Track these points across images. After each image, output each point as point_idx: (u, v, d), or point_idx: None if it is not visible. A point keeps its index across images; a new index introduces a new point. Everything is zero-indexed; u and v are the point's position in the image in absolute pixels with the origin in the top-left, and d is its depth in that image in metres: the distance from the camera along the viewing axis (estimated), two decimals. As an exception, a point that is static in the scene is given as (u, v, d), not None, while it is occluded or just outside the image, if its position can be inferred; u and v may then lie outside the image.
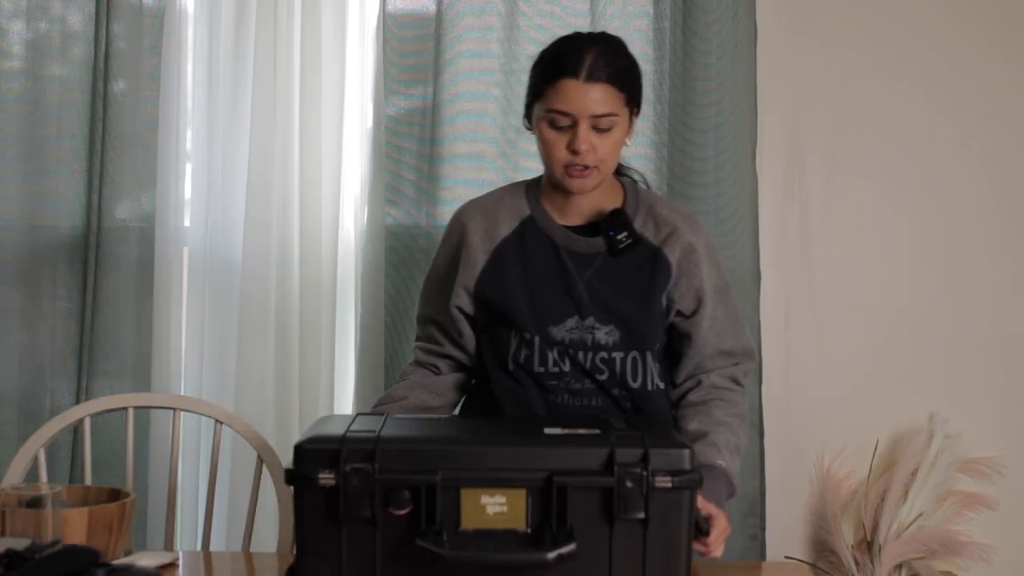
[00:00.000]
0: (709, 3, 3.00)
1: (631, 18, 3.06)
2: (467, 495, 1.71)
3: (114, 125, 3.02)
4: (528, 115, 2.17)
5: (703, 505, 1.94)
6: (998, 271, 3.14)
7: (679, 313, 2.21)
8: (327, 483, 1.70)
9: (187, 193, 3.09)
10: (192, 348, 3.10)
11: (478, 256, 2.20)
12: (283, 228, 3.04)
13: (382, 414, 1.93)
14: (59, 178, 3.03)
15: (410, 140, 3.08)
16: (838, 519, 3.05)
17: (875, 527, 3.01)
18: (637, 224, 2.18)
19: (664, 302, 2.19)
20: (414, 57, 3.07)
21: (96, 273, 3.01)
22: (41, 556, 1.51)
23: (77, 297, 3.04)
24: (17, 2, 3.05)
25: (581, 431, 1.79)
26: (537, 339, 2.15)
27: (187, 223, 3.10)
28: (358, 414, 1.92)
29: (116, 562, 1.80)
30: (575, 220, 2.21)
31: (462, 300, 2.22)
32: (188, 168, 3.09)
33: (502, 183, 3.06)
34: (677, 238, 2.19)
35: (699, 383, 2.22)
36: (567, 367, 2.16)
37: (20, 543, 1.56)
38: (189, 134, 3.09)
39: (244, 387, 3.03)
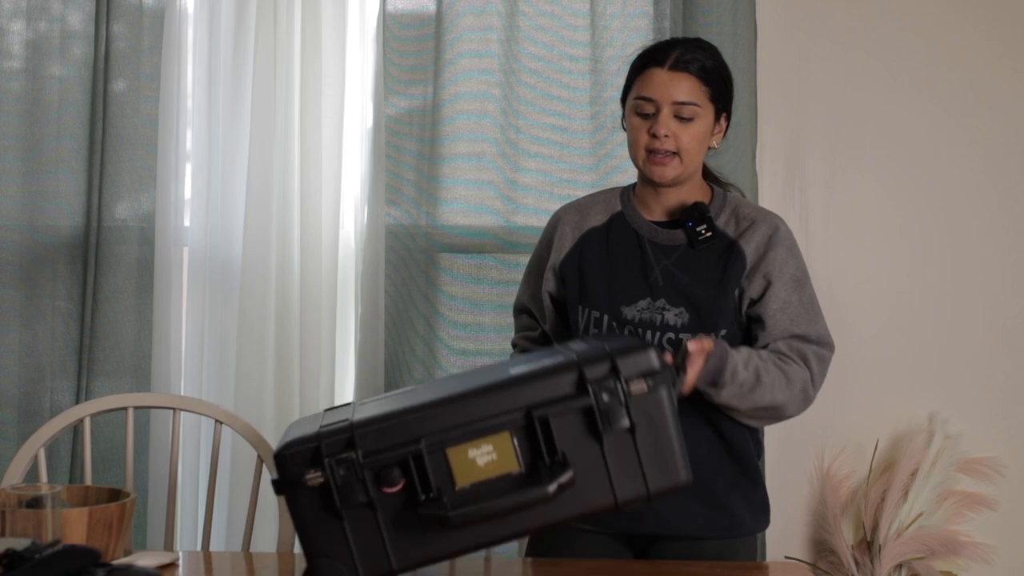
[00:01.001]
0: (709, 3, 3.00)
1: (631, 18, 3.06)
2: (454, 454, 1.73)
3: (114, 125, 3.03)
4: (624, 117, 2.30)
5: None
6: (998, 272, 3.14)
7: (751, 303, 2.23)
8: (316, 481, 1.71)
9: (187, 193, 3.09)
10: (192, 348, 3.10)
11: (566, 242, 2.32)
12: (283, 228, 3.04)
13: (350, 403, 1.94)
14: (59, 178, 3.03)
15: (410, 140, 3.08)
16: (838, 519, 3.05)
17: (875, 527, 3.01)
18: (720, 222, 2.26)
19: (737, 293, 2.22)
20: (414, 57, 3.07)
21: (96, 273, 3.01)
22: (41, 556, 1.51)
23: (77, 297, 3.04)
24: (17, 2, 3.05)
25: (545, 362, 1.80)
26: (606, 318, 2.23)
27: (187, 223, 3.10)
28: (325, 410, 1.93)
29: (116, 562, 1.80)
30: (662, 216, 2.30)
31: (550, 284, 2.34)
32: (188, 168, 3.09)
33: (502, 183, 3.08)
34: (754, 231, 2.24)
35: (765, 347, 2.22)
36: None
37: (20, 543, 1.56)
38: (189, 134, 3.09)
39: (244, 387, 3.03)
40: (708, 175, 2.35)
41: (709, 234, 2.23)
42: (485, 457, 1.74)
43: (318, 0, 3.04)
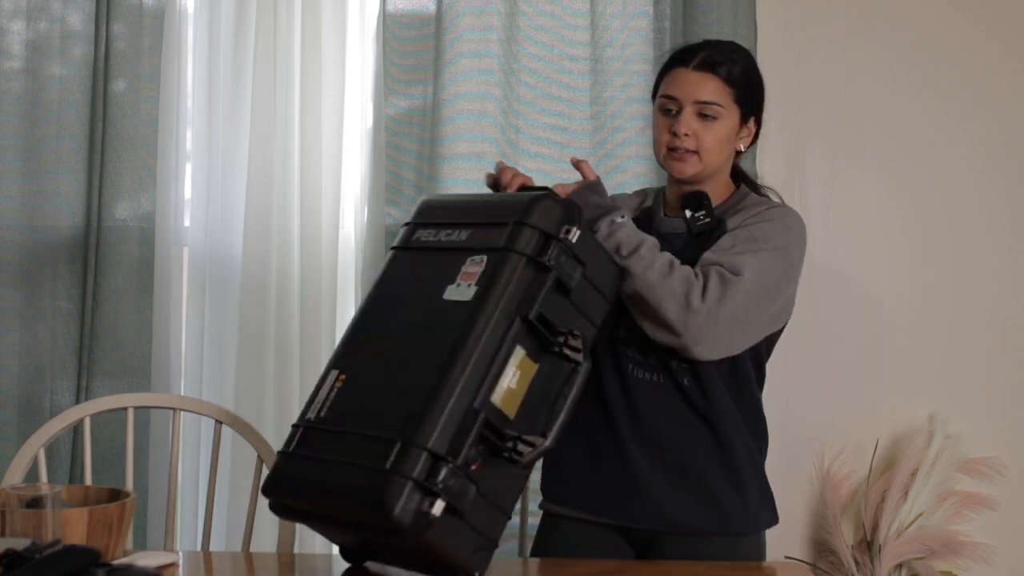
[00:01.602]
0: (709, 3, 3.00)
1: (631, 18, 3.06)
2: (499, 398, 1.83)
3: (114, 125, 3.02)
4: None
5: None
6: (999, 271, 3.14)
7: None
8: (440, 509, 1.76)
9: (187, 193, 3.09)
10: (192, 348, 3.10)
11: None
12: (283, 228, 3.04)
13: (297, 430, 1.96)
14: (59, 178, 3.03)
15: (410, 140, 3.08)
16: (838, 519, 3.05)
17: (875, 527, 3.01)
18: (727, 217, 2.25)
19: None
20: (414, 57, 3.07)
21: (96, 273, 3.01)
22: (41, 556, 1.51)
23: (77, 297, 3.04)
24: (17, 2, 3.05)
25: (473, 269, 1.88)
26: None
27: (187, 223, 3.10)
28: (281, 454, 1.95)
29: (116, 562, 1.80)
30: (679, 212, 2.29)
31: None
32: (188, 168, 3.09)
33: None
34: (744, 213, 2.25)
35: None
36: (636, 337, 2.20)
37: (20, 543, 1.56)
38: (189, 134, 3.09)
39: (244, 387, 3.03)
40: (743, 178, 2.35)
41: (707, 220, 2.23)
42: (514, 378, 1.85)
43: (318, 0, 3.04)
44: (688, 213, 2.24)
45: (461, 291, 1.87)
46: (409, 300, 1.95)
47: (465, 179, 3.06)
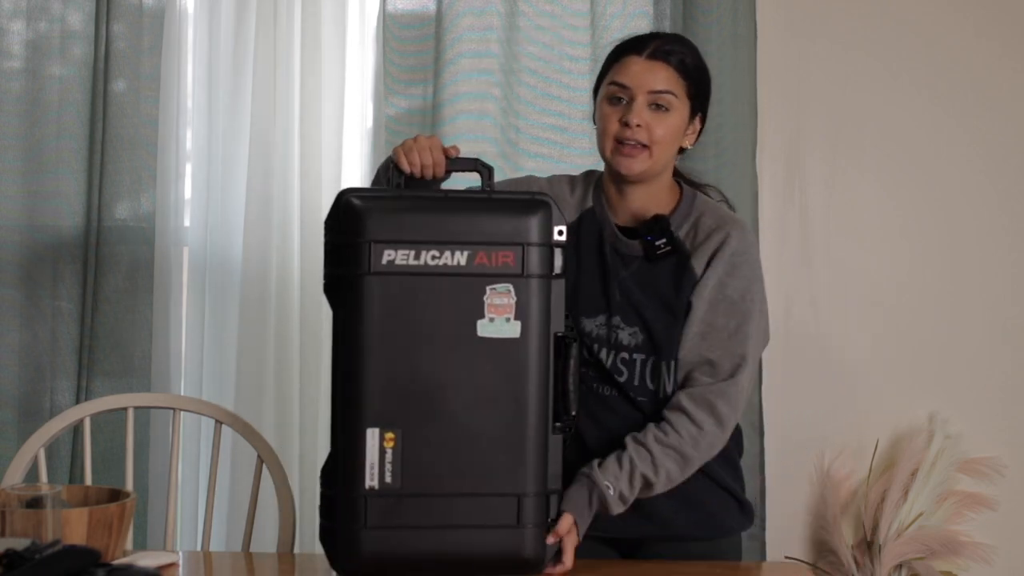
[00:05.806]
0: (709, 3, 3.00)
1: (631, 18, 3.06)
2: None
3: (114, 125, 3.02)
4: (596, 109, 2.21)
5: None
6: (999, 271, 3.14)
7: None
8: None
9: (187, 193, 3.09)
10: (192, 348, 3.10)
11: None
12: (283, 228, 3.04)
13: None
14: (59, 178, 3.03)
15: (410, 140, 3.08)
16: (838, 519, 3.06)
17: (875, 527, 3.01)
18: (681, 232, 2.16)
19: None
20: (414, 57, 3.07)
21: (96, 273, 3.01)
22: (41, 556, 1.51)
23: (77, 297, 3.04)
24: (17, 2, 3.05)
25: (499, 304, 1.88)
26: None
27: (187, 223, 3.10)
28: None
29: (116, 562, 1.80)
30: (625, 219, 2.20)
31: None
32: (188, 168, 3.09)
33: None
34: (708, 247, 2.14)
35: (676, 394, 2.14)
36: (598, 359, 2.15)
37: (20, 543, 1.56)
38: (189, 134, 3.09)
39: (244, 387, 3.03)
40: (682, 177, 2.27)
41: (668, 248, 2.13)
42: None
43: (318, 0, 3.04)
44: (648, 240, 2.13)
45: (500, 327, 1.88)
46: (432, 338, 1.87)
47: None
